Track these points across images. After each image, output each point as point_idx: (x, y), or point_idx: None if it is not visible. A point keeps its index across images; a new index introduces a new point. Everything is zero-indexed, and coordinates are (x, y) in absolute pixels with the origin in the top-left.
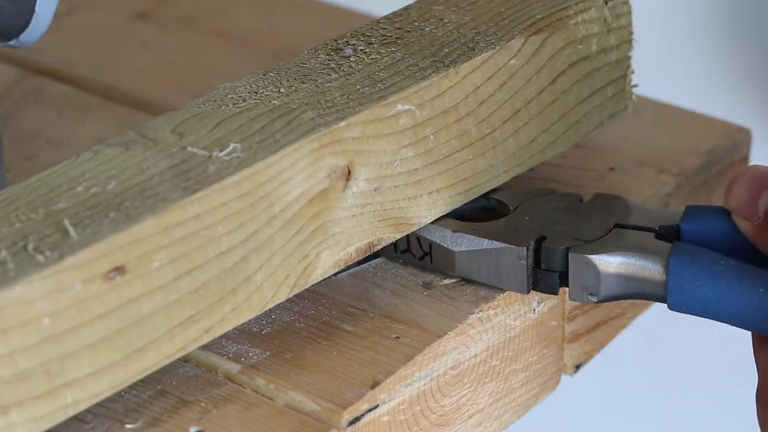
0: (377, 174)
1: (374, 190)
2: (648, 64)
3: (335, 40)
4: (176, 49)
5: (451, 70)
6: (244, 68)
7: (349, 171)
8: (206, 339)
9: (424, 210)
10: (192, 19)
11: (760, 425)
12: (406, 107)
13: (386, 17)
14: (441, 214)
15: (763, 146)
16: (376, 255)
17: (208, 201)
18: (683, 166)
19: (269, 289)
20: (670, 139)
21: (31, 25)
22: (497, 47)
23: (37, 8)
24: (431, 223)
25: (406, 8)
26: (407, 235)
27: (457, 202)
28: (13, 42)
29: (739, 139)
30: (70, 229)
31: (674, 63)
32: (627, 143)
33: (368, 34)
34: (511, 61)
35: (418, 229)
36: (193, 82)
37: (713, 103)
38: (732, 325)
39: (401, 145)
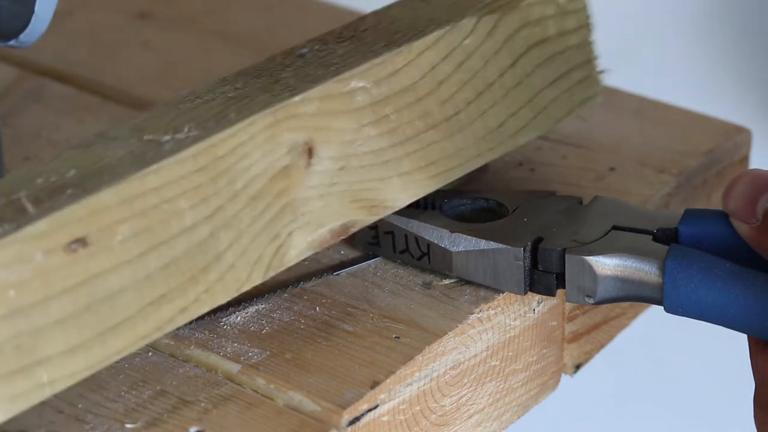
0: (341, 152)
1: (340, 169)
2: (648, 64)
3: (291, 48)
4: (176, 49)
5: (404, 47)
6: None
7: (311, 148)
8: (182, 320)
9: (397, 192)
10: (192, 19)
11: (757, 428)
12: (361, 84)
13: (342, 26)
14: (416, 198)
15: (763, 146)
16: (374, 255)
17: (165, 173)
18: (683, 166)
19: (243, 270)
20: (670, 139)
21: (31, 25)
22: (448, 27)
23: (37, 8)
24: (429, 223)
25: (363, 17)
26: (405, 235)
27: (431, 186)
28: (13, 42)
29: (739, 139)
30: (28, 206)
31: (674, 63)
32: (627, 143)
33: (324, 38)
34: (466, 41)
35: (416, 229)
36: (193, 82)
37: (713, 103)
38: (728, 327)
39: (361, 124)
